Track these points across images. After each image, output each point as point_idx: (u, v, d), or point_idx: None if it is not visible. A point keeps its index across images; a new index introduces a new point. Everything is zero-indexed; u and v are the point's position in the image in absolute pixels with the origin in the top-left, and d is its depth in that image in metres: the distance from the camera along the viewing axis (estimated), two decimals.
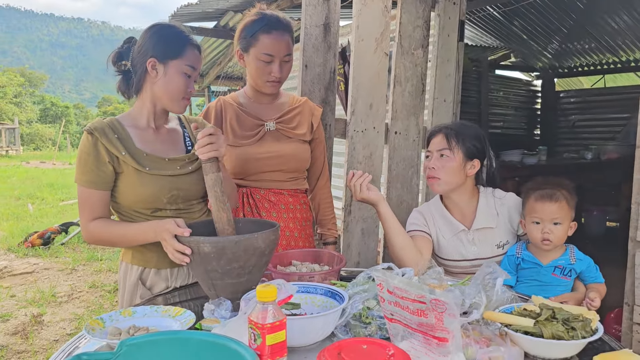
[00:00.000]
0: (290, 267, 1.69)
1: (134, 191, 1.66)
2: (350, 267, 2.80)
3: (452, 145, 1.97)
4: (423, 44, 3.12)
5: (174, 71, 1.67)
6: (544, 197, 1.86)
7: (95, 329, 1.27)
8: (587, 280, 1.87)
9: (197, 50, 1.73)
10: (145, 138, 1.72)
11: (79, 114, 50.99)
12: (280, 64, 1.99)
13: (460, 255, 2.02)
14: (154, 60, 1.66)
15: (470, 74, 6.83)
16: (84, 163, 1.63)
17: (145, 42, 1.68)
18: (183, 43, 1.68)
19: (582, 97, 8.18)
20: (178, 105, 1.72)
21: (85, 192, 1.64)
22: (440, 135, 2.01)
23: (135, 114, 1.75)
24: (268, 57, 1.96)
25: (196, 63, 1.71)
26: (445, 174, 1.97)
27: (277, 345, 0.99)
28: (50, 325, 4.01)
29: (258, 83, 2.03)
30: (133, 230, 1.63)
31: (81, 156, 1.64)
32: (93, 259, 5.95)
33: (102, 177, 1.64)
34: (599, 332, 1.21)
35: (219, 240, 1.39)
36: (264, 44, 1.95)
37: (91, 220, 1.64)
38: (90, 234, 1.66)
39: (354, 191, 1.91)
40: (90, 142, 1.63)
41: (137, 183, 1.65)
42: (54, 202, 10.63)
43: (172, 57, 1.66)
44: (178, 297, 1.68)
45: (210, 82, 9.08)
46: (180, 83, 1.68)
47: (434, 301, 1.01)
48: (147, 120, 1.74)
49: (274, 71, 1.98)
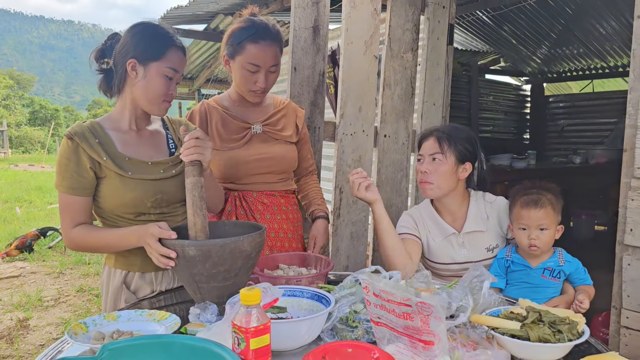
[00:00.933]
0: (277, 271, 1.68)
1: (117, 196, 1.63)
2: (339, 270, 2.79)
3: (444, 149, 1.96)
4: (412, 47, 3.13)
5: (154, 73, 1.63)
6: (529, 204, 1.87)
7: (78, 334, 1.25)
8: (576, 282, 1.88)
9: (181, 51, 1.68)
10: (127, 141, 1.69)
11: (68, 117, 50.60)
12: (266, 74, 1.95)
13: (451, 258, 2.02)
14: (134, 61, 1.62)
15: (460, 78, 6.86)
16: (64, 169, 1.60)
17: (126, 41, 1.64)
18: (165, 44, 1.64)
19: (571, 101, 8.25)
20: (158, 107, 1.68)
21: (66, 199, 1.61)
22: (432, 139, 2.00)
23: (117, 116, 1.71)
24: (254, 67, 1.93)
25: (178, 65, 1.67)
26: (438, 178, 1.96)
27: (261, 350, 0.97)
28: (36, 329, 3.96)
29: (242, 90, 2.01)
30: (115, 236, 1.61)
31: (61, 162, 1.60)
32: (80, 263, 5.89)
33: (83, 183, 1.60)
34: (585, 335, 1.21)
35: (205, 244, 1.37)
36: (250, 53, 1.91)
37: (73, 227, 1.61)
38: (72, 241, 1.63)
39: (352, 187, 1.88)
40: (71, 148, 1.59)
41: (119, 188, 1.62)
42: (42, 206, 10.53)
43: (152, 59, 1.62)
44: (163, 301, 1.65)
45: (201, 85, 9.06)
46: (160, 85, 1.64)
47: (420, 304, 1.00)
48: (128, 123, 1.71)
49: (259, 81, 1.95)
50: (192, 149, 1.47)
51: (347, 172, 2.85)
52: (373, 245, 3.16)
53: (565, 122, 7.99)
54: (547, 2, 5.46)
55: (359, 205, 2.92)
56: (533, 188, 1.92)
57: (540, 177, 5.07)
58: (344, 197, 2.85)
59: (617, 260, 2.01)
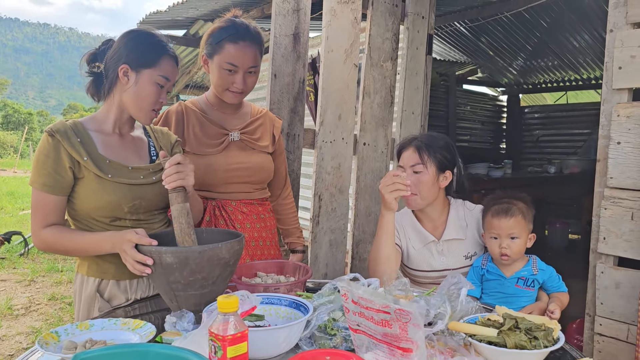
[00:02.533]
0: (255, 279, 1.66)
1: (94, 198, 1.60)
2: (318, 278, 2.78)
3: (424, 159, 1.96)
4: (392, 56, 3.15)
5: (146, 80, 1.63)
6: (499, 213, 1.89)
7: (50, 343, 1.22)
8: (550, 290, 1.90)
9: (174, 61, 1.68)
10: (109, 144, 1.67)
11: (42, 122, 49.65)
12: (244, 76, 1.93)
13: (429, 266, 2.03)
14: (127, 67, 1.62)
15: (438, 88, 6.94)
16: (41, 165, 1.56)
17: (120, 47, 1.64)
18: (159, 52, 1.64)
19: (546, 112, 8.41)
20: (145, 115, 1.67)
21: (39, 196, 1.57)
22: (411, 149, 2.00)
23: (101, 118, 1.69)
24: (232, 67, 1.91)
25: (170, 74, 1.66)
26: (422, 190, 1.97)
27: (238, 358, 0.96)
28: (5, 339, 3.85)
29: (219, 91, 1.98)
30: (89, 241, 1.57)
31: (39, 158, 1.57)
32: (53, 270, 5.76)
33: (60, 182, 1.57)
34: (561, 342, 1.23)
35: (182, 251, 1.35)
36: (229, 53, 1.90)
37: (44, 227, 1.57)
38: (42, 241, 1.59)
39: (388, 184, 1.82)
40: (51, 145, 1.56)
41: (97, 190, 1.59)
42: (14, 212, 10.30)
43: (145, 66, 1.62)
44: (139, 310, 1.62)
45: (180, 90, 8.98)
46: (151, 93, 1.64)
47: (398, 311, 1.00)
48: (112, 126, 1.69)
49: (237, 82, 1.93)
50: (174, 175, 1.46)
51: (326, 180, 2.85)
52: (352, 253, 3.16)
53: (540, 133, 8.14)
54: (523, 15, 5.57)
55: (337, 213, 2.92)
56: (504, 198, 1.94)
57: (516, 186, 5.15)
58: (322, 205, 2.85)
59: (590, 268, 2.04)
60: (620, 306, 1.93)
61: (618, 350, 1.93)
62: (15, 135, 38.21)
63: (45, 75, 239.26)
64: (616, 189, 1.96)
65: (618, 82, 1.97)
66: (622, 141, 1.94)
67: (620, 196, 1.95)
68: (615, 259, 1.98)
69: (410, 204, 2.01)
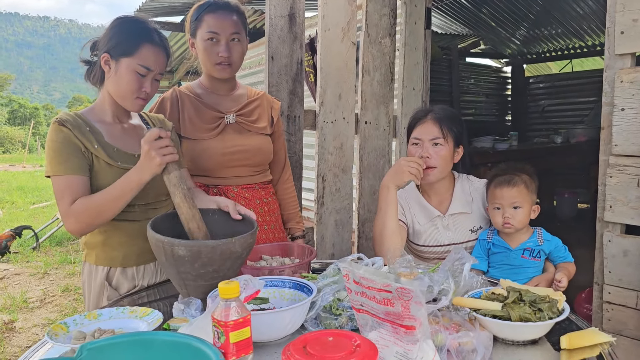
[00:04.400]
0: (260, 262, 1.67)
1: (106, 185, 1.59)
2: (325, 259, 2.79)
3: (445, 133, 1.95)
4: (390, 32, 3.11)
5: (125, 69, 1.60)
6: (502, 183, 1.90)
7: (59, 334, 1.23)
8: (556, 260, 1.90)
9: (160, 49, 1.64)
10: (112, 133, 1.68)
11: (48, 115, 49.79)
12: (228, 44, 1.92)
13: (435, 241, 2.03)
14: (107, 56, 1.61)
15: (440, 62, 6.87)
16: (58, 153, 1.55)
17: (104, 36, 1.64)
18: (138, 40, 1.60)
19: (551, 82, 8.30)
20: (131, 104, 1.66)
21: (65, 180, 1.54)
22: (430, 122, 1.97)
23: (99, 108, 1.70)
24: (213, 35, 1.90)
25: (153, 63, 1.62)
26: (441, 163, 1.95)
27: (241, 343, 0.97)
28: (22, 331, 3.91)
29: (207, 67, 1.97)
30: (116, 185, 1.54)
31: (54, 147, 1.56)
32: (66, 262, 5.83)
33: (81, 164, 1.56)
34: (566, 312, 1.23)
35: (195, 244, 1.33)
36: (208, 23, 1.90)
37: (73, 202, 1.53)
38: (74, 215, 1.53)
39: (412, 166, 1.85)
40: (64, 133, 1.56)
41: (108, 177, 1.60)
42: (25, 206, 10.39)
43: (124, 54, 1.60)
44: (146, 297, 1.64)
45: (181, 77, 8.96)
46: (130, 82, 1.61)
47: (400, 289, 1.00)
48: (112, 116, 1.69)
49: (221, 51, 1.91)
50: (163, 149, 1.47)
51: (328, 160, 2.85)
52: (358, 232, 3.17)
53: (545, 103, 8.04)
54: None
55: (342, 193, 2.92)
56: (508, 169, 1.94)
57: (523, 158, 5.10)
58: (327, 186, 2.84)
59: (597, 236, 2.03)
60: (628, 274, 1.93)
61: (627, 318, 1.93)
62: (22, 130, 38.39)
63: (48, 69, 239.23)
64: (621, 156, 1.94)
65: (620, 47, 1.94)
66: (625, 107, 1.92)
67: (625, 163, 1.93)
68: (622, 226, 1.97)
69: (427, 178, 1.97)
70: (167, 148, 1.47)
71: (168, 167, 1.48)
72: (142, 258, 1.71)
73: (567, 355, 1.15)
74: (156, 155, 1.45)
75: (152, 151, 1.45)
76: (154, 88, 1.68)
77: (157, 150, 1.45)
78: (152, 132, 1.47)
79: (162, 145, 1.47)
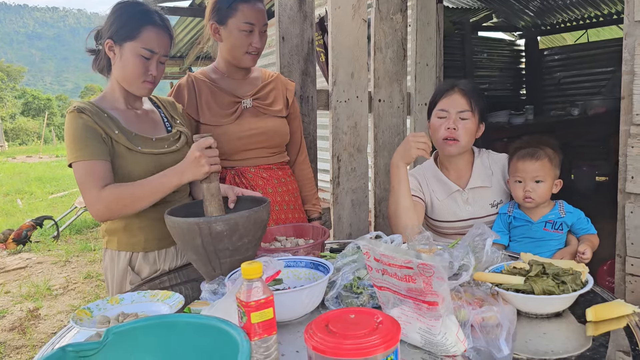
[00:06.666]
0: (274, 243, 1.67)
1: (127, 170, 1.61)
2: (342, 238, 2.79)
3: (472, 107, 1.93)
4: (402, 8, 3.06)
5: (129, 53, 1.60)
6: (525, 156, 1.87)
7: (83, 319, 1.25)
8: (579, 233, 1.87)
9: (163, 30, 1.64)
10: (129, 119, 1.68)
11: (62, 106, 50.17)
12: (260, 35, 1.96)
13: (455, 215, 2.01)
14: (111, 42, 1.61)
15: (453, 38, 6.76)
16: (79, 139, 1.55)
17: (106, 22, 1.63)
18: (140, 23, 1.60)
19: (566, 53, 8.13)
20: (138, 88, 1.66)
21: (88, 166, 1.54)
22: (457, 95, 1.94)
23: (110, 96, 1.70)
24: (250, 27, 1.92)
25: (156, 45, 1.62)
26: (466, 136, 1.94)
27: (264, 323, 0.97)
28: (47, 318, 4.00)
29: (237, 56, 1.98)
30: (153, 179, 1.55)
31: (74, 133, 1.55)
32: (86, 250, 5.92)
33: (103, 149, 1.57)
34: (589, 284, 1.21)
35: (232, 217, 1.36)
36: (244, 13, 1.91)
37: (101, 188, 1.53)
38: (104, 200, 1.52)
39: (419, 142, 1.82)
40: (84, 120, 1.56)
41: (130, 162, 1.61)
42: (44, 196, 10.53)
43: (127, 39, 1.60)
44: (168, 282, 1.65)
45: (191, 63, 8.93)
46: (136, 66, 1.61)
47: (422, 265, 0.99)
48: (124, 103, 1.70)
49: (255, 42, 1.95)
50: (212, 158, 1.48)
51: (343, 140, 2.83)
52: (375, 211, 3.16)
53: (561, 75, 7.89)
54: None
55: (357, 173, 2.91)
56: (531, 142, 1.91)
57: (539, 131, 5.02)
58: (342, 166, 2.83)
59: (619, 208, 2.00)
60: None
61: None
62: (36, 121, 38.80)
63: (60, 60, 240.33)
64: None
65: None
66: None
67: None
68: None
69: (449, 150, 1.96)
70: (215, 158, 1.49)
71: (211, 176, 1.49)
72: (163, 242, 1.73)
73: (593, 328, 1.13)
74: (206, 164, 1.46)
75: (202, 159, 1.46)
76: (160, 71, 1.67)
77: (208, 159, 1.47)
78: (206, 140, 1.48)
79: (212, 155, 1.48)
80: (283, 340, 1.13)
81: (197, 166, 1.47)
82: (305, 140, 2.32)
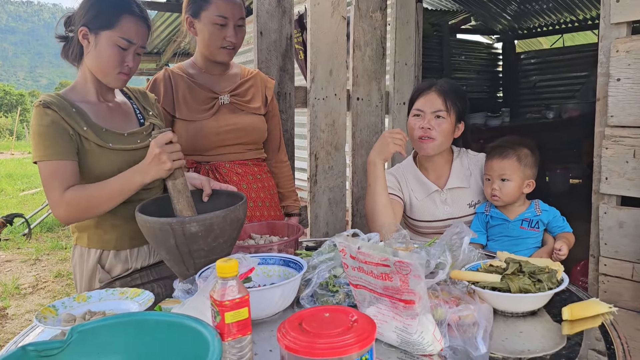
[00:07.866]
0: (248, 241, 1.64)
1: (97, 168, 1.54)
2: (319, 237, 2.77)
3: (448, 107, 1.92)
4: (381, 6, 3.05)
5: (105, 43, 1.53)
6: (493, 155, 1.90)
7: (48, 317, 1.20)
8: (555, 231, 1.89)
9: (140, 20, 1.57)
10: (99, 113, 1.61)
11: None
12: (235, 29, 1.91)
13: (433, 215, 2.01)
14: (85, 29, 1.53)
15: (431, 39, 6.79)
16: (44, 137, 1.47)
17: (80, 8, 1.56)
18: (117, 12, 1.53)
19: (542, 57, 8.24)
20: (113, 79, 1.59)
21: (52, 166, 1.47)
22: (434, 94, 1.94)
23: (80, 88, 1.62)
24: (223, 20, 1.88)
25: (135, 36, 1.55)
26: (441, 135, 1.92)
27: (239, 323, 0.93)
28: (15, 318, 3.88)
29: (212, 50, 1.94)
30: (115, 180, 1.48)
31: (40, 130, 1.48)
32: (57, 248, 5.78)
33: (69, 148, 1.49)
34: (565, 283, 1.21)
35: (207, 217, 1.29)
36: (217, 6, 1.87)
37: (64, 190, 1.46)
38: (66, 204, 1.46)
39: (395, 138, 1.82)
40: (50, 116, 1.48)
41: (100, 160, 1.55)
42: (14, 193, 10.27)
43: (103, 27, 1.52)
44: (139, 279, 1.61)
45: (168, 59, 8.82)
46: (112, 56, 1.54)
47: (398, 263, 0.97)
48: (96, 94, 1.62)
49: (229, 35, 1.90)
50: (174, 154, 1.40)
51: (321, 138, 2.81)
52: (352, 210, 3.14)
53: (537, 78, 8.00)
54: None
55: (335, 171, 2.89)
56: (510, 142, 1.92)
57: (515, 133, 5.07)
58: (319, 164, 2.81)
59: (593, 209, 2.02)
60: (624, 245, 1.92)
61: (623, 289, 1.93)
62: (9, 117, 37.88)
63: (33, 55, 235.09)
64: (617, 127, 1.92)
65: (616, 16, 1.90)
66: (621, 77, 1.89)
67: (621, 134, 1.91)
68: (617, 198, 1.96)
69: (425, 149, 1.95)
70: (177, 153, 1.41)
71: (175, 172, 1.42)
72: (135, 241, 1.67)
73: (569, 326, 1.13)
74: (167, 160, 1.38)
75: (163, 155, 1.38)
76: (136, 63, 1.61)
77: (169, 155, 1.39)
78: (165, 135, 1.40)
79: (173, 150, 1.40)
80: (256, 338, 1.11)
81: (159, 164, 1.39)
82: (283, 137, 2.29)
